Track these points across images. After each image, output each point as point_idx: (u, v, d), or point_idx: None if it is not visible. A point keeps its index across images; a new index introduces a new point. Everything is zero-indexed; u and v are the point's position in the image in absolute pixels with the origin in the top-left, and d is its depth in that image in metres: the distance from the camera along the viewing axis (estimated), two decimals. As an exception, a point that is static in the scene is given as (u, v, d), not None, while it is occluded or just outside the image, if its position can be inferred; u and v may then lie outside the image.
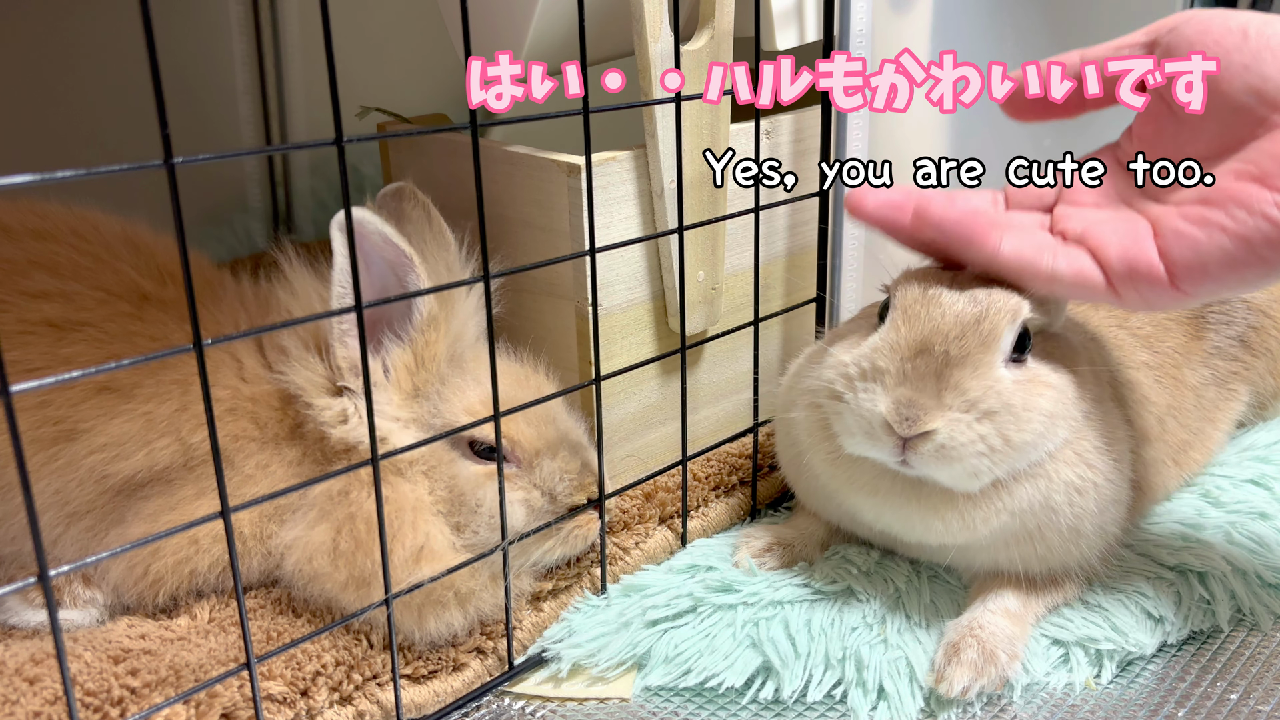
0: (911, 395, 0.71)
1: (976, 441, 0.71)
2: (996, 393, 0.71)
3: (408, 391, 0.78)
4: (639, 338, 0.94)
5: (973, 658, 0.75)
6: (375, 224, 0.73)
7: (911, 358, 0.72)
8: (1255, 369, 1.04)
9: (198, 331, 0.55)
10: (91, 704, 0.67)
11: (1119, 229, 0.73)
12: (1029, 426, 0.72)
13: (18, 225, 0.78)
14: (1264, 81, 0.68)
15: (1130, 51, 0.75)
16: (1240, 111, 0.69)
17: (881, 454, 0.74)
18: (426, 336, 0.77)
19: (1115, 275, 0.72)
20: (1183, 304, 0.72)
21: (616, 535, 0.90)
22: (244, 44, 1.46)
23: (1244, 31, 0.69)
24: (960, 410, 0.71)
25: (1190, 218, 0.69)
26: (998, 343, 0.72)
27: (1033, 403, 0.72)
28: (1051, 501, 0.76)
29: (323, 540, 0.74)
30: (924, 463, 0.72)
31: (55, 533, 0.75)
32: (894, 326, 0.74)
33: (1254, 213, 0.66)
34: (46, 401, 0.72)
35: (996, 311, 0.73)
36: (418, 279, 0.74)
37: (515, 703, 0.78)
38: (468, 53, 0.65)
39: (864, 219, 0.79)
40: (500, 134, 1.21)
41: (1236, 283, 0.68)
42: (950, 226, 0.75)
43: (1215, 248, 0.67)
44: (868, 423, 0.73)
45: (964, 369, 0.71)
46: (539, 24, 0.90)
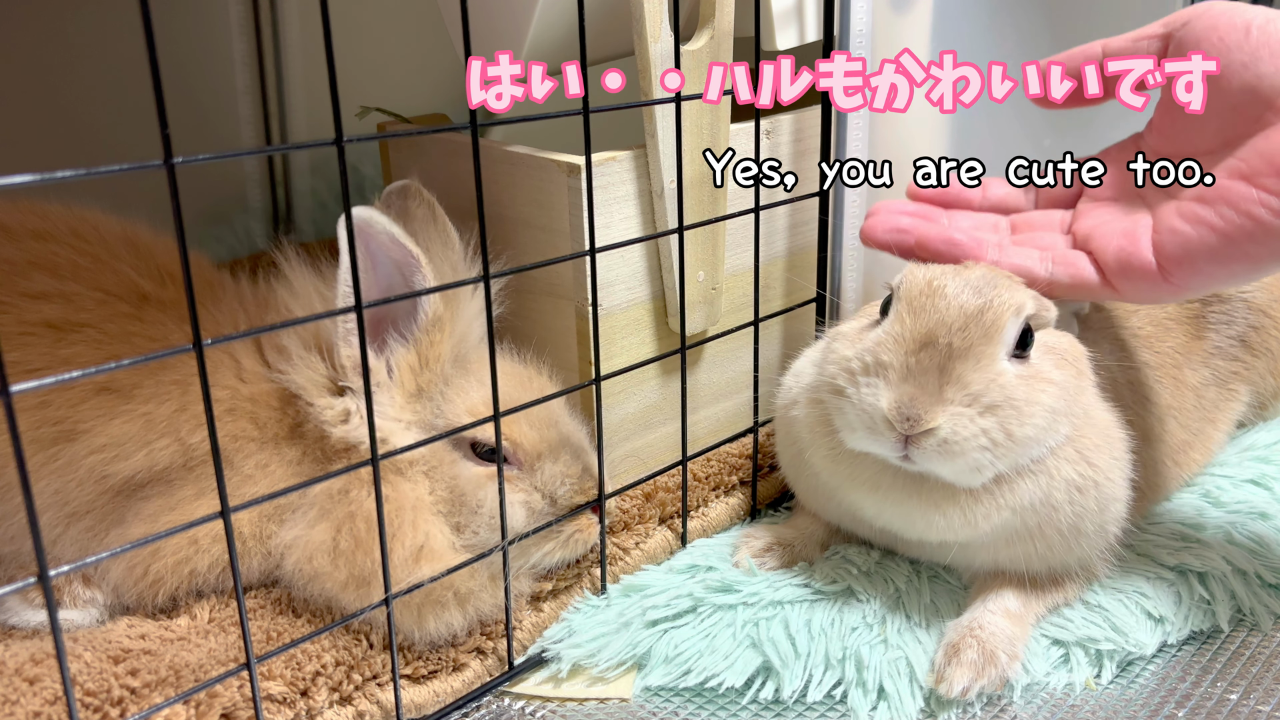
0: (914, 392, 0.71)
1: (979, 435, 0.71)
2: (999, 386, 0.71)
3: (411, 392, 0.78)
4: (639, 338, 0.94)
5: (973, 658, 0.75)
6: (383, 224, 0.73)
7: (915, 351, 0.72)
8: (1255, 369, 1.04)
9: (197, 331, 0.55)
10: (91, 704, 0.67)
11: (1120, 228, 0.75)
12: (1031, 421, 0.72)
13: (18, 226, 0.78)
14: (1260, 79, 0.68)
15: (1149, 43, 0.76)
16: (1239, 109, 0.70)
17: (883, 449, 0.74)
18: (431, 337, 0.77)
19: (1111, 272, 0.75)
20: (1177, 296, 0.74)
21: (616, 535, 0.90)
22: (244, 44, 1.46)
23: (1247, 28, 0.69)
24: (962, 404, 0.71)
25: (1185, 214, 0.71)
26: (1000, 334, 0.72)
27: (1035, 397, 0.72)
28: (1052, 499, 0.76)
29: (323, 539, 0.74)
30: (926, 458, 0.72)
31: (55, 533, 0.75)
32: (898, 318, 0.74)
33: (1239, 210, 0.67)
34: (46, 402, 0.72)
35: (1001, 304, 0.73)
36: (424, 279, 0.74)
37: (515, 703, 0.78)
38: (468, 53, 0.64)
39: (875, 246, 0.84)
40: (500, 134, 1.21)
41: (1226, 276, 0.71)
42: (945, 257, 0.81)
43: (1202, 244, 0.69)
44: (870, 418, 0.73)
45: (966, 361, 0.71)
46: (539, 24, 0.90)
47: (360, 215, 0.72)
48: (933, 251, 0.81)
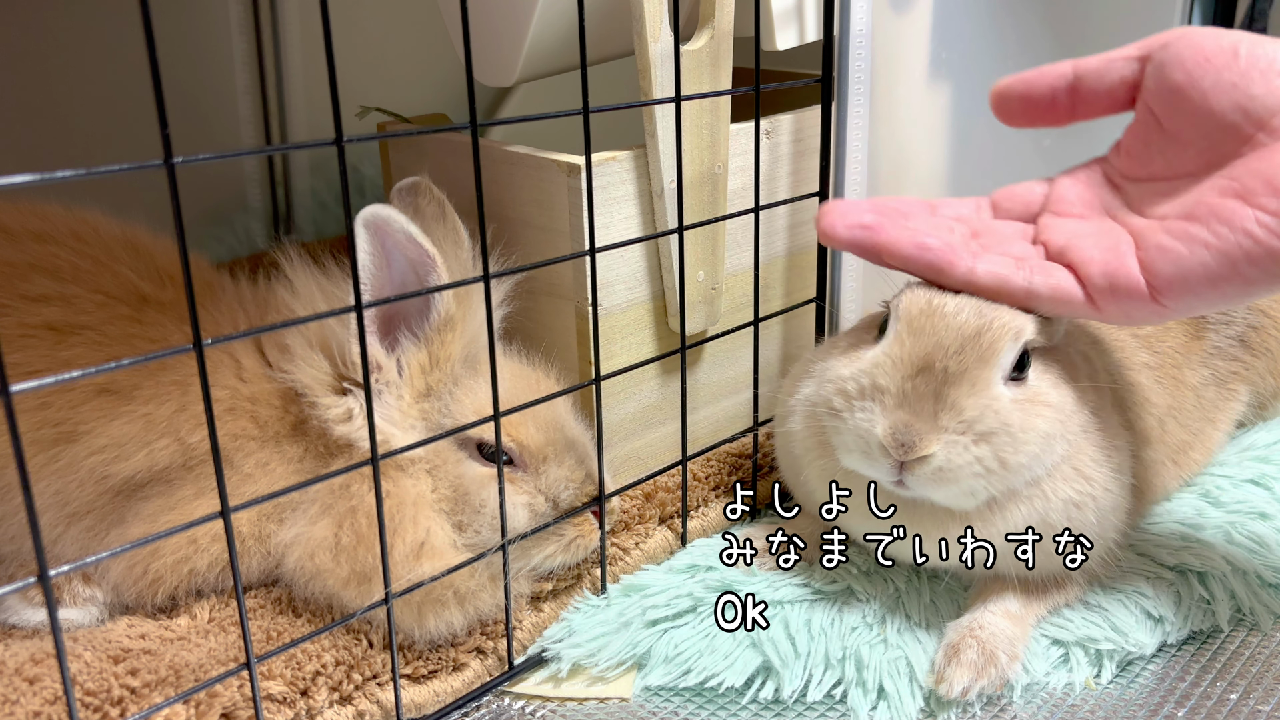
0: (909, 420, 0.71)
1: (973, 464, 0.71)
2: (994, 412, 0.71)
3: (420, 390, 0.78)
4: (639, 338, 0.94)
5: (973, 658, 0.75)
6: (401, 222, 0.72)
7: (912, 376, 0.71)
8: (1255, 369, 1.04)
9: (197, 332, 0.55)
10: (91, 704, 0.67)
11: (1101, 242, 0.73)
12: (1025, 449, 0.72)
13: (18, 227, 0.78)
14: (1251, 100, 0.68)
15: (1123, 64, 0.75)
16: (1227, 129, 0.70)
17: (878, 474, 0.74)
18: (443, 337, 0.77)
19: (1096, 290, 0.72)
20: (1163, 318, 0.72)
21: (616, 535, 0.90)
22: (244, 44, 1.46)
23: (1234, 50, 0.69)
24: (957, 432, 0.71)
25: (1174, 232, 0.69)
26: (997, 359, 0.72)
27: (1030, 424, 0.72)
28: (1049, 519, 0.76)
29: (324, 535, 0.74)
30: (921, 484, 0.72)
31: (55, 533, 0.75)
32: (898, 340, 0.73)
33: (1235, 229, 0.66)
34: (47, 404, 0.72)
35: (1000, 327, 0.72)
36: (439, 279, 0.74)
37: (515, 703, 0.78)
38: (468, 53, 0.64)
39: (836, 246, 0.79)
40: (500, 134, 1.21)
41: (1217, 298, 0.69)
42: (915, 261, 0.75)
43: (1197, 263, 0.68)
44: (865, 443, 0.73)
45: (961, 386, 0.71)
46: (539, 24, 0.90)
47: (378, 213, 0.72)
48: (901, 256, 0.76)
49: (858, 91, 0.98)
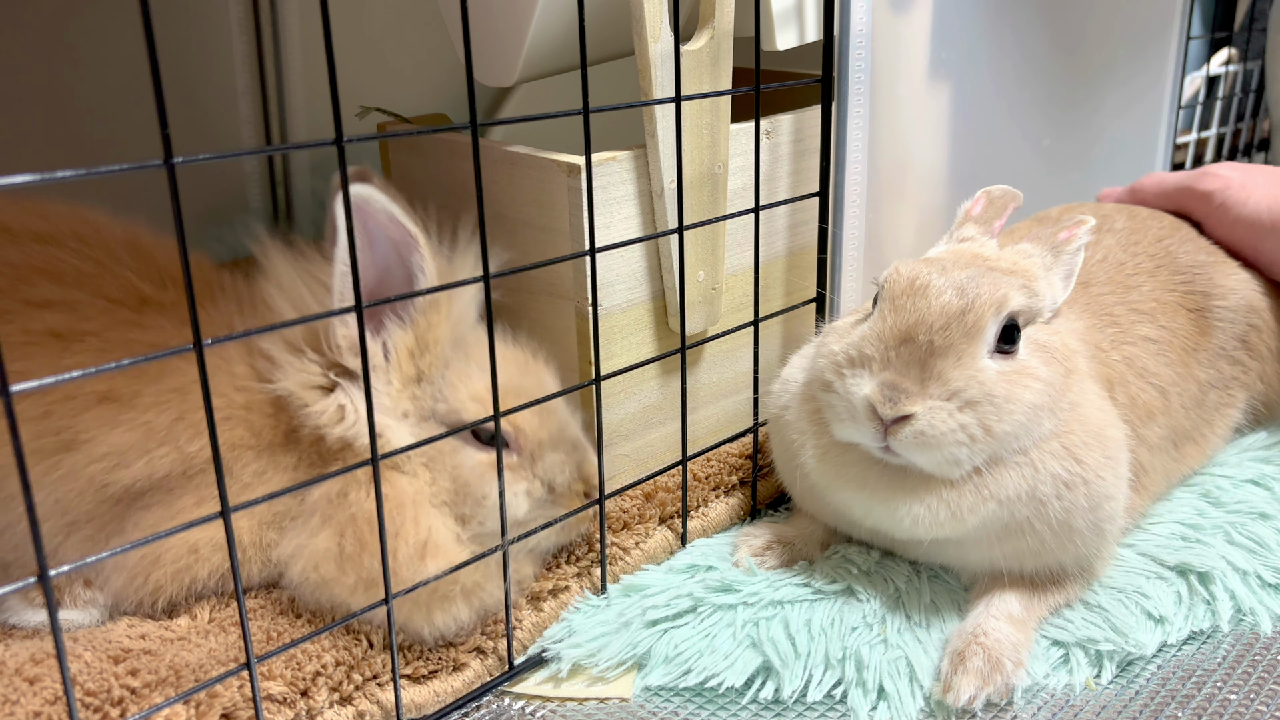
0: (895, 379, 0.73)
1: (956, 430, 0.73)
2: (979, 382, 0.73)
3: (409, 376, 0.77)
4: (639, 338, 0.94)
5: (979, 665, 0.75)
6: (382, 202, 0.72)
7: (896, 346, 0.74)
8: (1253, 372, 1.03)
9: (198, 332, 0.55)
10: (91, 704, 0.67)
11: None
12: (1010, 417, 0.74)
13: (20, 228, 0.77)
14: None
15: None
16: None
17: (865, 438, 0.76)
18: (429, 318, 0.76)
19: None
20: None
21: (616, 535, 0.90)
22: (244, 44, 1.46)
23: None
24: (941, 399, 0.73)
25: None
26: (982, 334, 0.74)
27: (1016, 394, 0.74)
28: (1039, 493, 0.76)
29: (327, 546, 0.74)
30: (904, 447, 0.74)
31: (55, 542, 0.74)
32: (881, 316, 0.77)
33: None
34: (49, 413, 0.72)
35: (982, 303, 0.75)
36: (422, 259, 0.74)
37: (515, 703, 0.78)
38: (468, 53, 0.64)
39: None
40: (500, 134, 1.21)
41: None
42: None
43: None
44: (853, 406, 0.75)
45: (947, 359, 0.74)
46: (539, 24, 0.90)
47: (359, 192, 0.71)
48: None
49: (858, 91, 0.98)
